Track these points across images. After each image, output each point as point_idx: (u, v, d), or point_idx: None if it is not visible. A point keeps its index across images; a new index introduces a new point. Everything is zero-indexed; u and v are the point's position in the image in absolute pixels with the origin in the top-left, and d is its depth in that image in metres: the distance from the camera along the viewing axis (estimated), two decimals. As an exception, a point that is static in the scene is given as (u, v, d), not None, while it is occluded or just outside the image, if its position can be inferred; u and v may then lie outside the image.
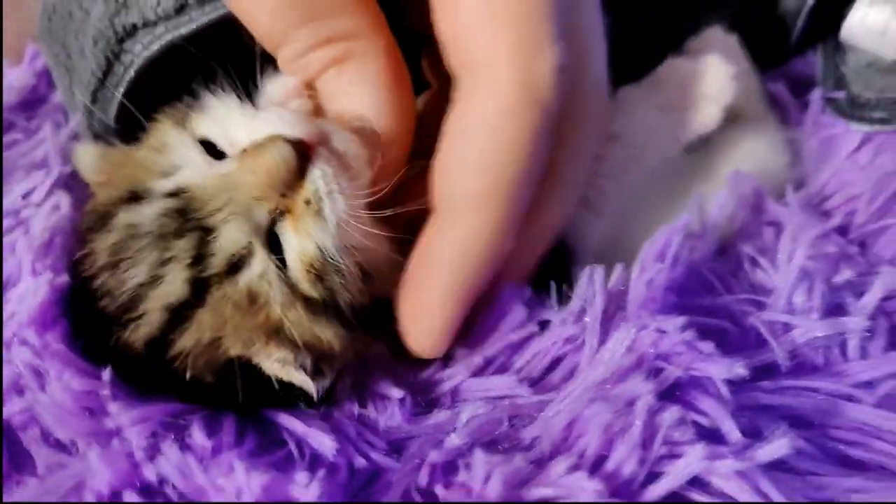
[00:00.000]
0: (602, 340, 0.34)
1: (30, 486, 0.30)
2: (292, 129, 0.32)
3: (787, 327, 0.36)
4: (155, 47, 0.40)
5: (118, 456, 0.28)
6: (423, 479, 0.30)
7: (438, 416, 0.35)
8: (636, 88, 0.46)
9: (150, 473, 0.28)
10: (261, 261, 0.32)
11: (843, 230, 0.43)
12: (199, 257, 0.31)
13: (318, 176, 0.32)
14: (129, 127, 0.41)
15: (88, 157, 0.39)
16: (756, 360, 0.36)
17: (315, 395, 0.33)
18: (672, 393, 0.31)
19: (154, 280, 0.31)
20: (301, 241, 0.32)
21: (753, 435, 0.32)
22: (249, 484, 0.27)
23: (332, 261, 0.32)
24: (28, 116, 0.44)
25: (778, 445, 0.30)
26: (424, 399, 0.37)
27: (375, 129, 0.34)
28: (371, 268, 0.34)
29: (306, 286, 0.32)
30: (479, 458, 0.29)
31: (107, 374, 0.31)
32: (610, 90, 0.37)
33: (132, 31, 0.41)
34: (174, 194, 0.32)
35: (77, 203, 0.38)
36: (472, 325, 0.37)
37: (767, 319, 0.35)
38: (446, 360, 0.38)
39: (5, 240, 0.35)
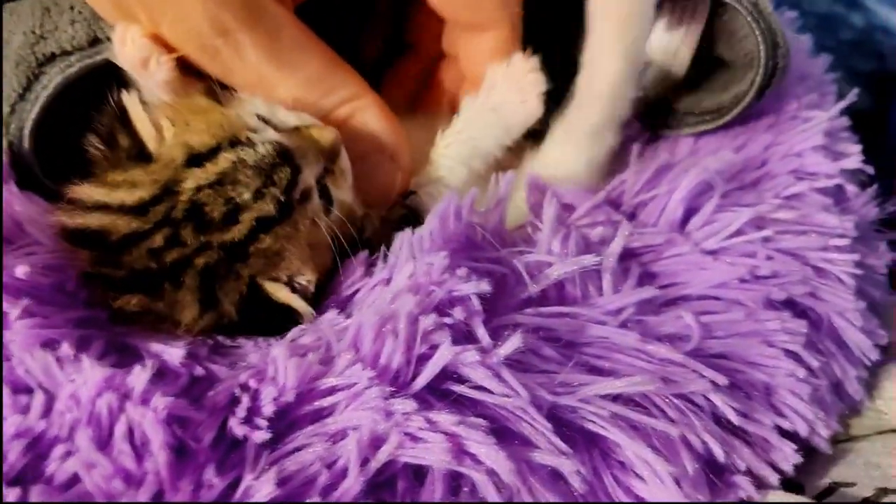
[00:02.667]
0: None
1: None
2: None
3: (546, 265, 0.45)
4: (71, 70, 0.48)
5: (-6, 359, 0.36)
6: (243, 378, 0.38)
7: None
8: (474, 96, 0.55)
9: (20, 371, 0.36)
10: (316, 198, 0.44)
11: (616, 204, 0.53)
12: (291, 185, 0.43)
13: (345, 157, 0.48)
14: (40, 138, 0.50)
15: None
16: (523, 293, 0.45)
17: (303, 321, 0.43)
18: (439, 308, 0.40)
19: (256, 198, 0.42)
20: (341, 193, 0.47)
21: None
22: (93, 375, 0.35)
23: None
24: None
25: (513, 341, 0.39)
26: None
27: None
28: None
29: (337, 223, 0.46)
30: (281, 356, 0.38)
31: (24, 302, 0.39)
32: None
33: (51, 57, 0.49)
34: (273, 143, 0.43)
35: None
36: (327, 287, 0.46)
37: (526, 261, 0.44)
38: None
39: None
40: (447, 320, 0.39)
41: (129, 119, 0.42)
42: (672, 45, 0.61)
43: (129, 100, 0.43)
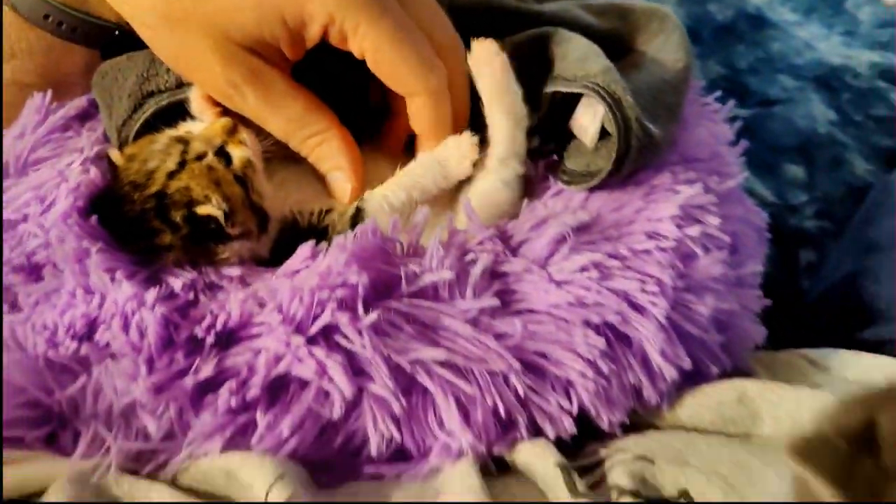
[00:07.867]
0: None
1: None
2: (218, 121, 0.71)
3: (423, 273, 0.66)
4: (162, 103, 0.74)
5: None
6: (213, 307, 0.63)
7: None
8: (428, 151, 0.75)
9: (90, 280, 0.62)
10: (211, 157, 0.68)
11: (506, 238, 0.73)
12: (184, 152, 0.68)
13: (245, 132, 0.68)
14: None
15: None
16: (403, 289, 0.66)
17: (224, 223, 0.66)
18: (332, 287, 0.63)
19: (162, 162, 0.67)
20: (242, 152, 0.67)
21: None
22: (126, 290, 0.60)
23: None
24: (82, 124, 0.80)
25: (373, 315, 0.61)
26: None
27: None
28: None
29: (239, 169, 0.69)
30: (234, 298, 0.62)
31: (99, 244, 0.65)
32: None
33: (150, 93, 0.75)
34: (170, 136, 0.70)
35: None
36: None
37: (408, 269, 0.66)
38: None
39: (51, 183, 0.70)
40: (337, 294, 0.61)
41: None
42: (585, 124, 0.79)
43: (112, 153, 0.72)
